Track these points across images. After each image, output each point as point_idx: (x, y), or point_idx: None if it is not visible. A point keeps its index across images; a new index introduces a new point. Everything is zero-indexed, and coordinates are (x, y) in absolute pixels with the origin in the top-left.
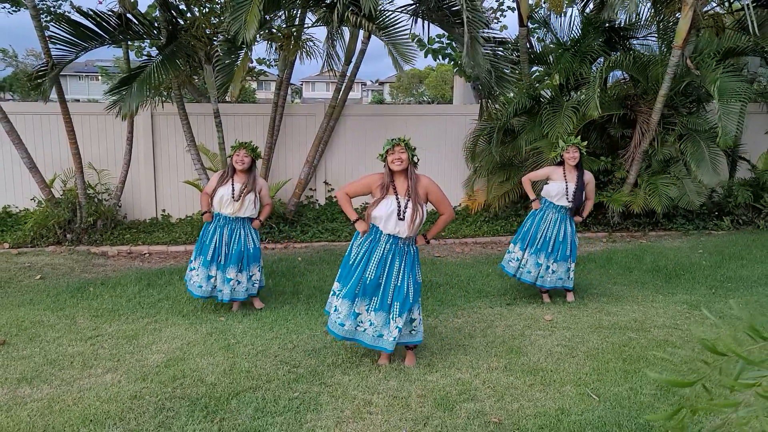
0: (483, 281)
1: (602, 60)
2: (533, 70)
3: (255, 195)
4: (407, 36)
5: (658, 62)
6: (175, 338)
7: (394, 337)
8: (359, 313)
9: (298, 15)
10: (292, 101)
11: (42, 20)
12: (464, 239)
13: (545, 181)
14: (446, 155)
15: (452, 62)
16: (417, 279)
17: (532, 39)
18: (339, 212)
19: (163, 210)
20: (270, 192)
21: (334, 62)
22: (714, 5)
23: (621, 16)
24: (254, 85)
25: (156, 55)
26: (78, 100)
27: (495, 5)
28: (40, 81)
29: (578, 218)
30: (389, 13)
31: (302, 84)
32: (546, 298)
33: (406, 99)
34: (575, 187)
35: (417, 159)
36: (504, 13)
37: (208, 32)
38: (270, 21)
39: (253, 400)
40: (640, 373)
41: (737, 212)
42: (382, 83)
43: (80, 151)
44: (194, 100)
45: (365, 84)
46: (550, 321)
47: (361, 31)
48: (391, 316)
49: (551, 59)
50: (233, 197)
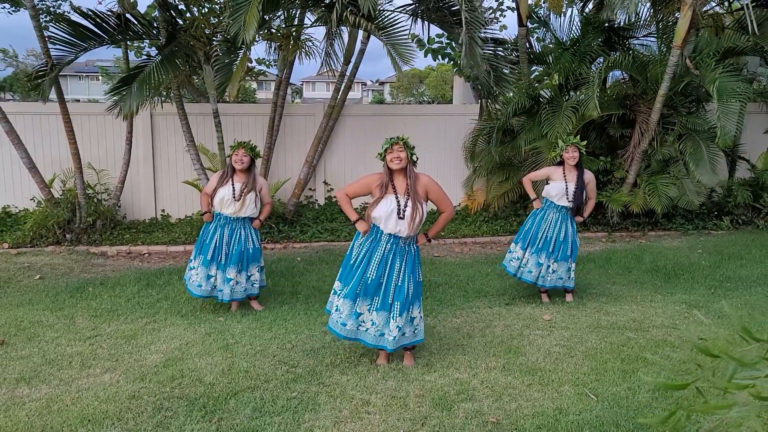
0: (482, 281)
1: (601, 60)
2: (532, 70)
3: (255, 194)
4: (406, 36)
5: (658, 62)
6: (174, 338)
7: (395, 337)
8: (361, 313)
9: (297, 15)
10: (293, 101)
11: (41, 20)
12: (463, 239)
13: (546, 182)
14: (445, 155)
15: (452, 62)
16: (417, 278)
17: (532, 39)
18: (338, 212)
19: (163, 210)
20: (269, 191)
21: (333, 62)
22: (713, 5)
23: (620, 16)
24: (254, 86)
25: (155, 55)
26: (78, 100)
27: (494, 5)
28: (40, 81)
29: (579, 218)
30: (388, 13)
31: (303, 84)
32: (545, 298)
33: (407, 99)
34: (575, 187)
35: (416, 158)
36: (503, 13)
37: (208, 32)
38: (269, 21)
39: (252, 400)
40: (638, 373)
41: (737, 212)
42: (383, 83)
43: (80, 151)
44: (193, 100)
45: (365, 84)
46: (549, 321)
47: (360, 31)
48: (392, 316)
49: (550, 59)
50: (234, 197)
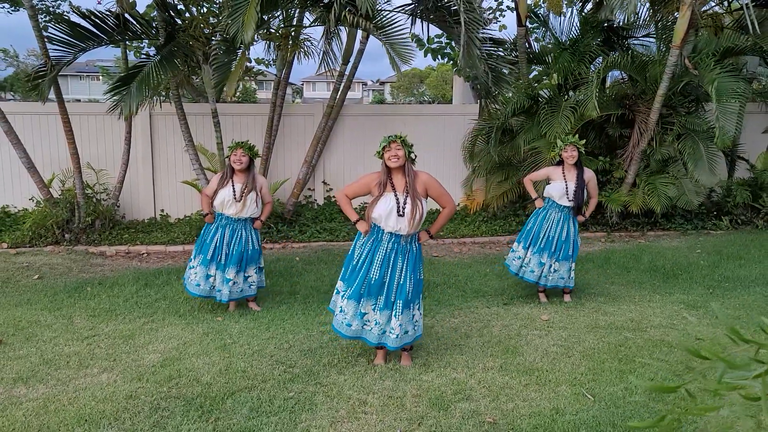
0: (480, 281)
1: (601, 60)
2: (532, 70)
3: (256, 194)
4: (405, 36)
5: (657, 62)
6: (172, 338)
7: (398, 335)
8: (366, 313)
9: (296, 15)
10: (293, 101)
11: (40, 20)
12: (462, 239)
13: (547, 182)
14: (445, 155)
15: (451, 62)
16: (419, 277)
17: (531, 39)
18: (337, 212)
19: (162, 210)
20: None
21: (332, 62)
22: (713, 5)
23: (619, 16)
24: (255, 86)
25: (154, 55)
26: (79, 100)
27: (494, 5)
28: (39, 81)
29: (581, 218)
30: (387, 13)
31: (303, 84)
32: (543, 298)
33: (407, 99)
34: (575, 186)
35: (414, 156)
36: (503, 13)
37: (206, 32)
38: (268, 21)
39: (249, 400)
40: (636, 373)
41: (736, 212)
42: (383, 83)
43: (78, 151)
44: (192, 100)
45: (366, 84)
46: (547, 321)
47: (359, 31)
48: (394, 314)
49: (550, 59)
50: (235, 198)
